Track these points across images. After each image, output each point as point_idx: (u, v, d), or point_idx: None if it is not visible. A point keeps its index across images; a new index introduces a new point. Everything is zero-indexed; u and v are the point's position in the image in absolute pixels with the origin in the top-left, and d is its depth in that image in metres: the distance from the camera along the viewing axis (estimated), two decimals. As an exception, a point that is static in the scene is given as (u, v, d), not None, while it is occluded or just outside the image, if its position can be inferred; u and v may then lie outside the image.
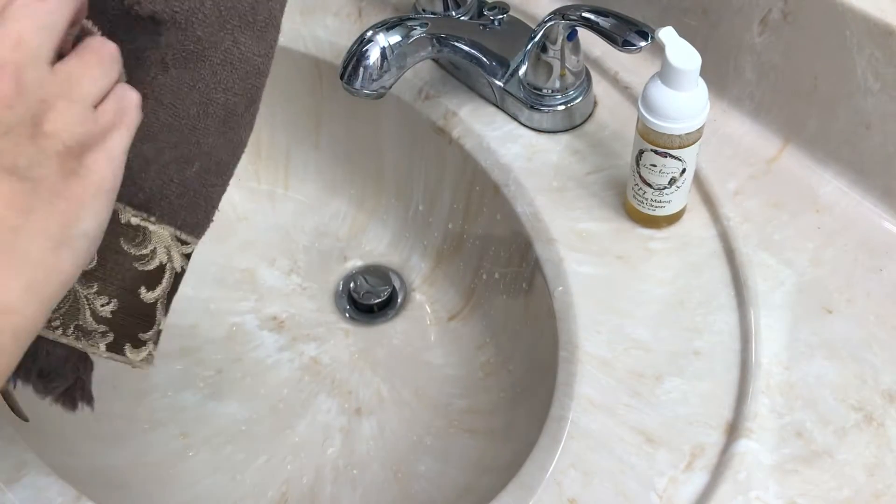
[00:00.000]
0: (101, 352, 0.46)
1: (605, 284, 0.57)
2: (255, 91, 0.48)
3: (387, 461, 0.64)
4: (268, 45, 0.47)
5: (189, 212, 0.47)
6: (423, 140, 0.70)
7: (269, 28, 0.47)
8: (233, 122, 0.47)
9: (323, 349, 0.71)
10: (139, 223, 0.46)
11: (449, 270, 0.72)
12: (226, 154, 0.48)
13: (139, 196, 0.45)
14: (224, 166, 0.48)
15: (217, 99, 0.46)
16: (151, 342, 0.48)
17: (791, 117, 0.60)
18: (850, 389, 0.51)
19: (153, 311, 0.47)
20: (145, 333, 0.47)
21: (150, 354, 0.48)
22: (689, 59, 0.51)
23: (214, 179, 0.48)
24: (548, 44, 0.61)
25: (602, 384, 0.52)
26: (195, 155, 0.46)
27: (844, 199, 0.59)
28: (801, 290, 0.55)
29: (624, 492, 0.48)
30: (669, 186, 0.56)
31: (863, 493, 0.47)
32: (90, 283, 0.45)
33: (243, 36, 0.46)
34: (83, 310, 0.45)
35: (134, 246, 0.46)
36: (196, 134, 0.46)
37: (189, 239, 0.48)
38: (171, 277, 0.47)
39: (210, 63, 0.45)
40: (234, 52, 0.46)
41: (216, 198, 0.48)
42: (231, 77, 0.46)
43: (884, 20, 0.51)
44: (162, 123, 0.45)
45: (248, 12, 0.46)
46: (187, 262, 0.48)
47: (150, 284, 0.46)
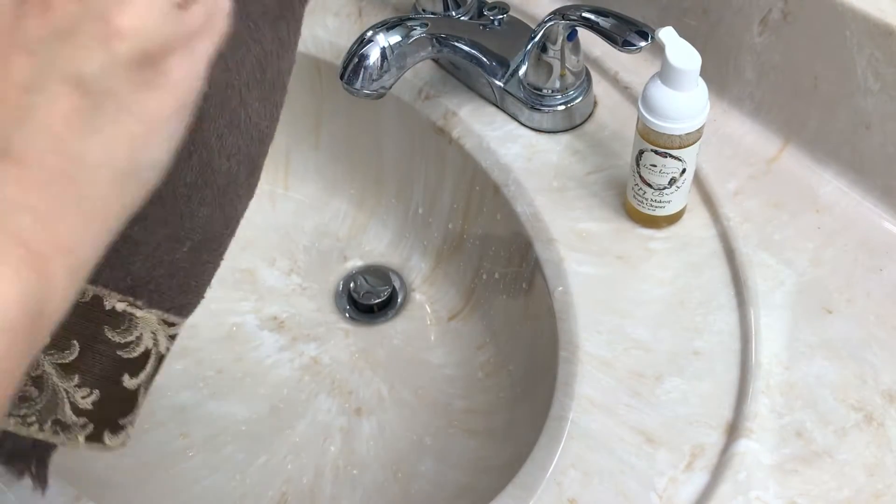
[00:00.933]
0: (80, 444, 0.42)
1: (605, 284, 0.57)
2: (258, 159, 0.44)
3: (387, 461, 0.64)
4: (274, 107, 0.43)
5: (178, 294, 0.44)
6: (423, 140, 0.70)
7: (276, 89, 0.43)
8: (231, 193, 0.43)
9: (323, 349, 0.71)
10: (125, 309, 0.41)
11: (449, 270, 0.72)
12: (220, 228, 0.44)
13: (126, 280, 0.41)
14: (217, 241, 0.44)
15: (219, 166, 0.42)
16: (129, 424, 0.44)
17: (791, 117, 0.60)
18: (850, 389, 0.51)
19: (135, 397, 0.43)
20: (125, 418, 0.44)
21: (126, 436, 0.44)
22: (689, 59, 0.51)
23: (207, 257, 0.44)
24: (548, 44, 0.61)
25: (602, 384, 0.52)
26: (188, 232, 0.42)
27: (844, 199, 0.59)
28: (801, 290, 0.55)
29: (624, 492, 0.48)
30: (669, 186, 0.56)
31: (863, 493, 0.47)
32: (70, 375, 0.41)
33: (250, 96, 0.42)
34: (62, 404, 0.41)
35: (118, 333, 0.42)
36: (191, 206, 0.42)
37: (176, 320, 0.44)
38: (155, 362, 0.44)
39: (216, 125, 0.41)
40: (240, 113, 0.41)
41: (208, 276, 0.45)
42: (236, 142, 0.42)
43: (884, 20, 0.51)
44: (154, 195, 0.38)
45: (255, 69, 0.42)
46: (172, 342, 0.45)
47: (134, 371, 0.43)
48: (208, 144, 0.41)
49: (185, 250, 0.42)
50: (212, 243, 0.44)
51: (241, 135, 0.42)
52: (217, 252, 0.44)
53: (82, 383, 0.41)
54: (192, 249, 0.43)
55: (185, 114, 0.32)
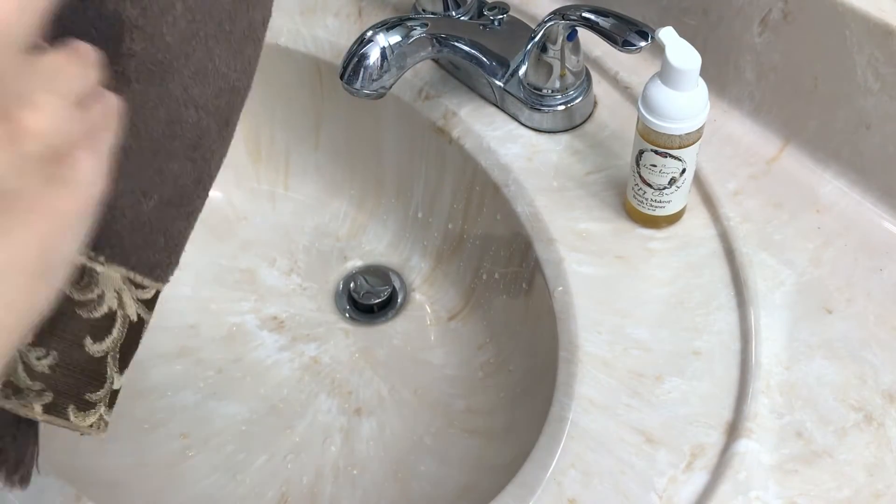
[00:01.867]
0: (37, 413, 0.39)
1: (605, 284, 0.57)
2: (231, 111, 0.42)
3: (387, 461, 0.64)
4: (246, 60, 0.42)
5: (144, 250, 0.41)
6: (423, 140, 0.70)
7: (247, 41, 0.41)
8: (203, 146, 0.41)
9: (323, 349, 0.71)
10: (84, 263, 0.39)
11: (449, 270, 0.72)
12: (191, 183, 0.42)
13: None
14: (188, 198, 0.42)
15: (187, 118, 0.40)
16: (102, 404, 0.41)
17: (791, 117, 0.60)
18: (850, 389, 0.51)
19: (102, 367, 0.40)
20: (94, 393, 0.40)
21: (100, 419, 0.41)
22: (689, 59, 0.51)
23: (175, 213, 0.41)
24: (548, 44, 0.61)
25: (602, 384, 0.52)
26: (155, 185, 0.40)
27: (844, 199, 0.59)
28: (801, 290, 0.55)
29: (624, 492, 0.48)
30: (669, 186, 0.56)
31: (863, 493, 0.47)
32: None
33: (218, 47, 0.40)
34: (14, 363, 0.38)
35: (78, 290, 0.39)
36: (158, 159, 0.40)
37: (145, 282, 0.41)
38: (122, 327, 0.40)
39: (180, 76, 0.39)
40: (207, 64, 0.40)
41: (179, 235, 0.42)
42: (204, 93, 0.40)
43: (884, 20, 0.51)
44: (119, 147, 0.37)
45: (224, 20, 0.40)
46: (147, 310, 0.42)
47: (97, 335, 0.40)
48: (174, 95, 0.39)
49: (152, 205, 0.40)
50: (182, 199, 0.41)
51: (210, 86, 0.40)
52: (187, 209, 0.42)
53: (37, 342, 0.38)
54: (160, 204, 0.41)
55: (91, 212, 0.32)
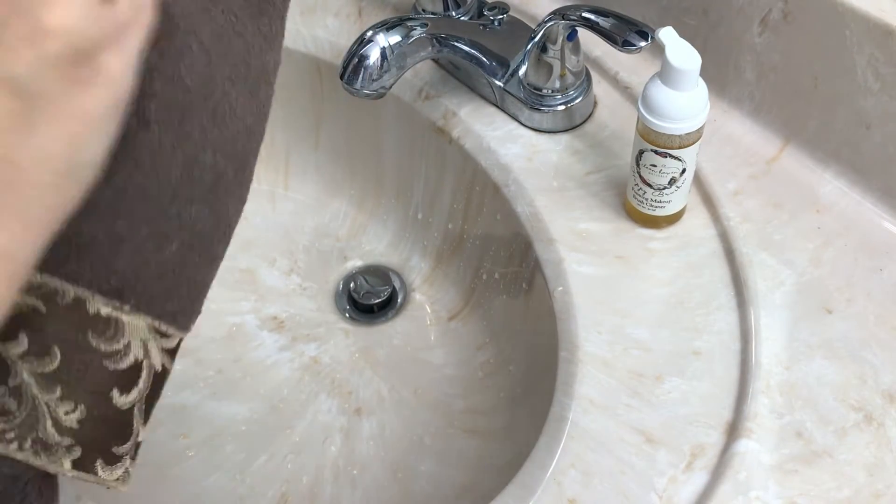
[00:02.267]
0: (66, 470, 0.39)
1: (605, 284, 0.57)
2: (247, 155, 0.42)
3: (387, 461, 0.64)
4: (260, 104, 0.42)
5: (169, 299, 0.40)
6: (423, 140, 0.70)
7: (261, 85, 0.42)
8: (220, 190, 0.41)
9: (323, 349, 0.71)
10: (110, 313, 0.38)
11: (449, 270, 0.72)
12: (210, 227, 0.41)
13: (110, 281, 0.38)
14: (208, 243, 0.41)
15: (204, 161, 0.39)
16: (128, 456, 0.41)
17: (791, 117, 0.60)
18: (850, 389, 0.51)
19: (129, 419, 0.40)
20: (120, 446, 0.40)
21: (126, 472, 0.41)
22: (689, 59, 0.51)
23: (197, 259, 0.41)
24: (548, 44, 0.61)
25: (602, 384, 0.52)
26: (175, 230, 0.40)
27: (844, 199, 0.59)
28: (801, 290, 0.55)
29: (624, 492, 0.48)
30: (669, 186, 0.56)
31: (863, 493, 0.47)
32: (52, 386, 0.37)
33: (234, 90, 0.40)
34: (43, 419, 0.37)
35: (104, 341, 0.38)
36: (177, 203, 0.39)
37: (170, 331, 0.41)
38: (148, 377, 0.40)
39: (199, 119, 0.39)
40: (224, 106, 0.40)
41: (202, 281, 0.42)
42: (221, 136, 0.40)
43: (884, 20, 0.51)
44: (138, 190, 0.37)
45: (239, 63, 0.40)
46: (171, 359, 0.41)
47: (125, 386, 0.39)
48: (192, 138, 0.39)
49: (174, 249, 0.40)
50: (202, 244, 0.41)
51: (227, 128, 0.40)
52: (209, 254, 0.42)
53: (65, 396, 0.38)
54: (182, 249, 0.40)
55: (120, 109, 0.32)
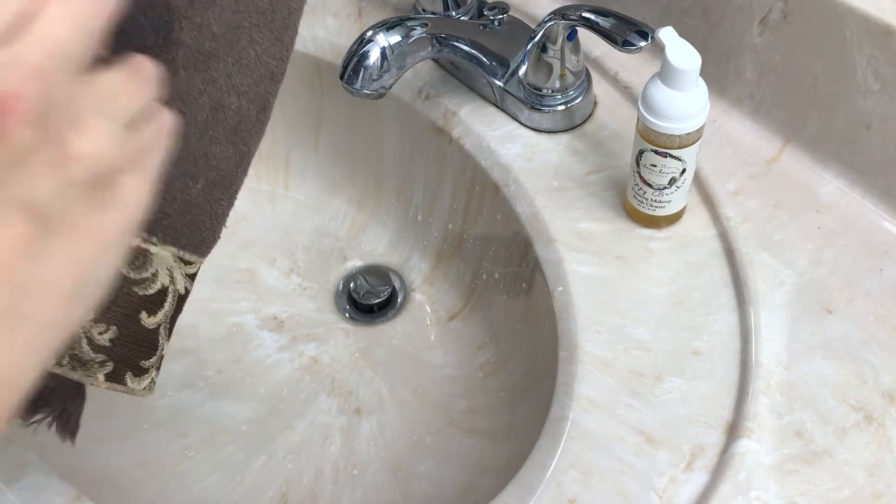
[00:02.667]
0: (100, 382, 0.42)
1: (605, 284, 0.57)
2: (268, 97, 0.44)
3: (387, 461, 0.64)
4: (284, 47, 0.44)
5: (193, 231, 0.44)
6: (423, 140, 0.70)
7: (287, 29, 0.43)
8: (243, 131, 0.44)
9: (323, 349, 0.71)
10: (139, 245, 0.42)
11: (449, 270, 0.72)
12: (233, 166, 0.44)
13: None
14: (230, 180, 0.45)
15: (229, 104, 0.42)
16: (154, 369, 0.44)
17: (791, 117, 0.60)
18: (850, 389, 0.51)
19: (155, 337, 0.44)
20: (147, 360, 0.44)
21: (152, 382, 0.45)
22: (689, 59, 0.51)
23: (220, 194, 0.44)
24: (548, 44, 0.61)
25: (602, 384, 0.52)
26: (201, 168, 0.43)
27: (844, 199, 0.59)
28: (801, 290, 0.55)
29: (624, 492, 0.48)
30: (669, 186, 0.56)
31: (863, 493, 0.47)
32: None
33: (260, 35, 0.42)
34: (79, 339, 0.41)
35: (134, 270, 0.42)
36: (203, 143, 0.42)
37: (193, 258, 0.44)
38: (173, 300, 0.44)
39: (224, 64, 0.41)
40: (249, 52, 0.42)
41: (222, 214, 0.45)
42: (245, 80, 0.42)
43: (884, 20, 0.51)
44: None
45: (266, 9, 0.42)
46: (192, 282, 0.45)
47: (152, 309, 0.43)
48: (217, 83, 0.41)
49: (199, 188, 0.43)
50: (224, 181, 0.44)
51: (251, 73, 0.42)
52: (230, 190, 0.45)
53: (99, 319, 0.41)
54: (206, 187, 0.43)
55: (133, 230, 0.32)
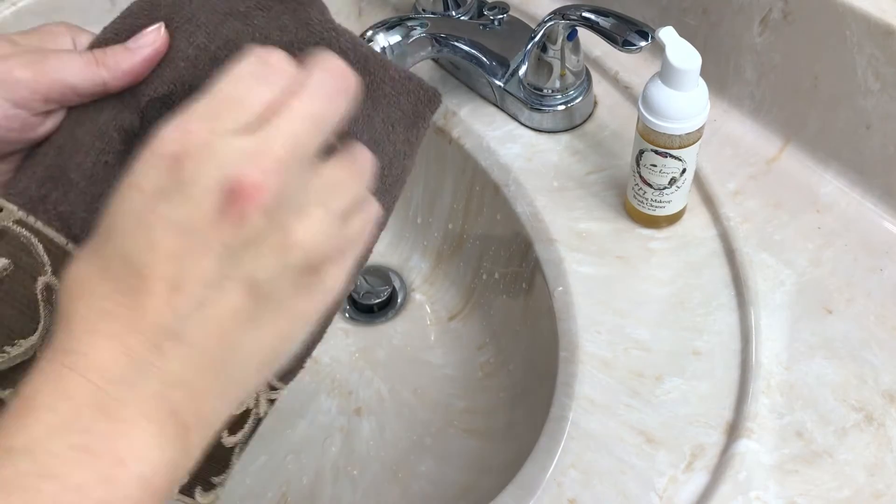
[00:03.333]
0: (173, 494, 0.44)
1: (605, 284, 0.57)
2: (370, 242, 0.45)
3: (387, 461, 0.64)
4: (392, 199, 0.47)
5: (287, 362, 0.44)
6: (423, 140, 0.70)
7: (397, 184, 0.47)
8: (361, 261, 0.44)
9: (323, 349, 0.70)
10: None
11: (449, 270, 0.72)
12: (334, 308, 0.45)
13: None
14: (328, 317, 0.45)
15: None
16: (221, 486, 0.45)
17: (791, 117, 0.60)
18: (850, 389, 0.51)
19: (230, 456, 0.45)
20: (218, 477, 0.45)
21: (216, 497, 0.45)
22: (689, 58, 0.51)
23: (316, 333, 0.45)
24: (548, 44, 0.61)
25: (602, 384, 0.52)
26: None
27: (845, 199, 0.59)
28: (801, 290, 0.55)
29: (624, 492, 0.48)
30: (669, 186, 0.56)
31: (863, 494, 0.47)
32: None
33: (374, 187, 0.44)
34: None
35: None
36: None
37: (279, 385, 0.45)
38: (253, 423, 0.45)
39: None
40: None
41: (313, 344, 0.46)
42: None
43: (884, 20, 0.51)
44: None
45: (385, 166, 0.45)
46: (271, 407, 0.46)
47: (234, 429, 0.44)
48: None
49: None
50: (325, 318, 0.44)
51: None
52: (324, 326, 0.45)
53: None
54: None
55: (328, 310, 0.36)
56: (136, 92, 0.41)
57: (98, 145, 0.41)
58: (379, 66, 0.43)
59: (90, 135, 0.41)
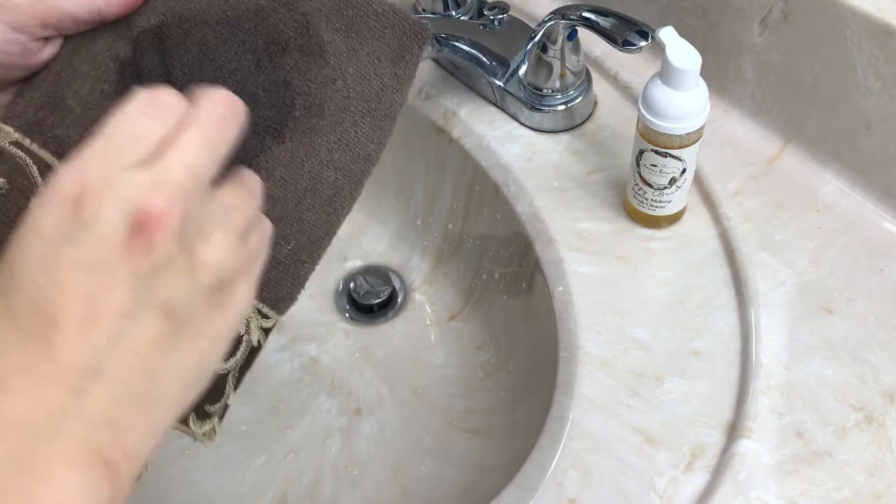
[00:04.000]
0: None
1: (606, 284, 0.57)
2: (363, 176, 0.47)
3: (387, 461, 0.64)
4: (383, 134, 0.47)
5: (275, 286, 0.46)
6: (423, 140, 0.70)
7: (387, 119, 0.47)
8: (337, 203, 0.47)
9: (323, 349, 0.71)
10: None
11: (449, 270, 0.72)
12: (322, 233, 0.47)
13: None
14: (317, 245, 0.47)
15: (327, 177, 0.45)
16: (217, 416, 0.46)
17: (791, 117, 0.60)
18: (850, 389, 0.51)
19: (223, 383, 0.45)
20: (212, 406, 0.45)
21: (213, 429, 0.46)
22: (689, 58, 0.50)
23: (305, 258, 0.47)
24: (548, 44, 0.61)
25: (602, 384, 0.52)
26: (294, 232, 0.45)
27: (845, 198, 0.59)
28: (801, 290, 0.55)
29: (624, 492, 0.48)
30: (670, 186, 0.56)
31: (863, 494, 0.47)
32: None
33: (363, 121, 0.46)
34: None
35: None
36: (300, 210, 0.45)
37: (270, 314, 0.46)
38: (246, 350, 0.45)
39: (327, 141, 0.45)
40: (351, 133, 0.46)
41: (304, 276, 0.47)
42: (344, 157, 0.46)
43: (884, 20, 0.51)
44: (268, 196, 0.44)
45: (373, 100, 0.46)
46: (266, 337, 0.47)
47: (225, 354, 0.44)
48: (319, 156, 0.45)
49: (289, 249, 0.45)
50: (312, 246, 0.47)
51: (350, 152, 0.46)
52: (315, 255, 0.47)
53: None
54: (295, 249, 0.46)
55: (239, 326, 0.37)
56: (129, 23, 0.42)
57: (94, 73, 0.42)
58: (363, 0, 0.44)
59: (87, 63, 0.42)
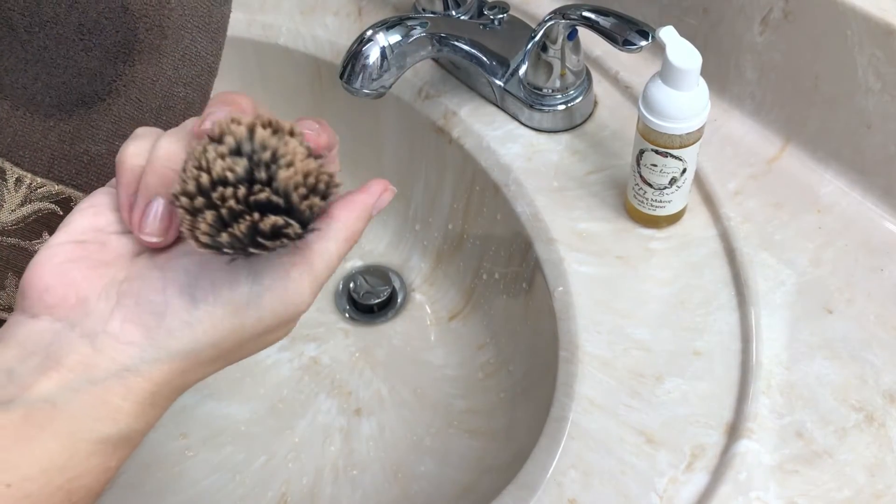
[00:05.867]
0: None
1: (606, 284, 0.57)
2: (208, 87, 0.52)
3: (387, 461, 0.64)
4: (218, 46, 0.52)
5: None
6: (423, 140, 0.70)
7: (220, 32, 0.52)
8: (190, 116, 0.50)
9: (323, 349, 0.71)
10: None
11: (449, 270, 0.72)
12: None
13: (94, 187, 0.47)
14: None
15: (178, 93, 0.50)
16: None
17: (792, 117, 0.60)
18: (850, 390, 0.51)
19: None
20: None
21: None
22: (689, 58, 0.50)
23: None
24: (548, 43, 0.61)
25: (602, 384, 0.52)
26: None
27: (845, 198, 0.59)
28: (801, 290, 0.55)
29: (624, 492, 0.48)
30: (670, 186, 0.56)
31: (863, 494, 0.47)
32: None
33: (200, 35, 0.51)
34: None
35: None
36: (158, 126, 0.48)
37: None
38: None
39: (172, 59, 0.50)
40: (192, 49, 0.51)
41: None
42: (189, 73, 0.50)
43: (885, 20, 0.51)
44: (127, 117, 0.49)
45: (204, 15, 0.51)
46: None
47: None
48: (167, 74, 0.50)
49: None
50: None
51: (194, 67, 0.51)
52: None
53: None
54: None
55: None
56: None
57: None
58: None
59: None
